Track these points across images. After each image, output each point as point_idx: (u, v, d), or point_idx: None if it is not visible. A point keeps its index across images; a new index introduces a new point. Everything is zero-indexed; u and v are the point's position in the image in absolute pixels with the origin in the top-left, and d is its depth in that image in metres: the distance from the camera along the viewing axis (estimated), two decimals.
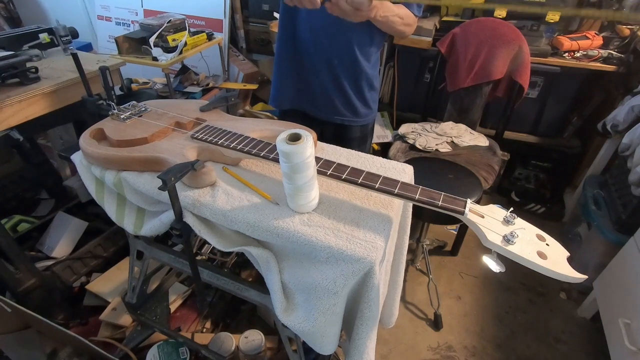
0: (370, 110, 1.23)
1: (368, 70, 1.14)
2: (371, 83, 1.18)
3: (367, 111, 1.22)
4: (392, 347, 1.47)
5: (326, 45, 1.07)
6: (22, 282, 1.29)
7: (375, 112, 1.28)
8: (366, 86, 1.17)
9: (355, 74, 1.13)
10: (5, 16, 2.77)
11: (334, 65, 1.10)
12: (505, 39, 1.63)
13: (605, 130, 1.62)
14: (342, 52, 1.08)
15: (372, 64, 1.15)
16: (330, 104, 1.17)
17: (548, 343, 1.50)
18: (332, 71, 1.11)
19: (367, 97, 1.19)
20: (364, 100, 1.19)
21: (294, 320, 0.67)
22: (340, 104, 1.17)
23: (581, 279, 0.54)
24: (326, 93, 1.16)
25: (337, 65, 1.10)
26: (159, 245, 0.95)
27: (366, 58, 1.11)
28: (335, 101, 1.17)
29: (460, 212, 0.61)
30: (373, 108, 1.24)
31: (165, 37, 1.72)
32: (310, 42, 1.08)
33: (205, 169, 0.72)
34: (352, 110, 1.19)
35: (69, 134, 1.90)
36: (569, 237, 1.82)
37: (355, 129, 1.24)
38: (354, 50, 1.08)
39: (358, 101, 1.18)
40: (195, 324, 1.43)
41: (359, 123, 1.23)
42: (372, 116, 1.26)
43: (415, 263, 1.77)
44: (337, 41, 1.06)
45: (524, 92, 1.68)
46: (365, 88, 1.17)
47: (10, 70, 1.13)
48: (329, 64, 1.10)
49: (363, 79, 1.15)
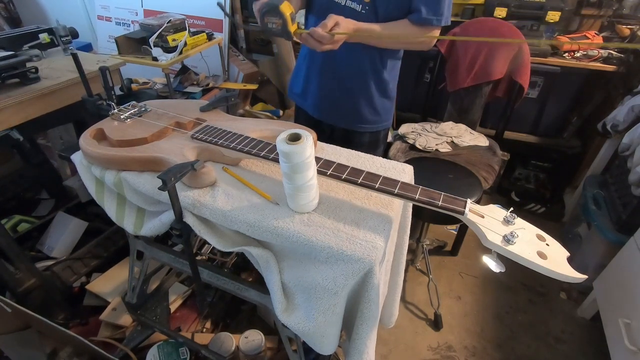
0: (379, 117, 1.18)
1: (382, 75, 1.09)
2: (384, 89, 1.12)
3: (375, 118, 1.17)
4: (392, 347, 1.47)
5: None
6: (22, 282, 1.29)
7: (388, 120, 1.22)
8: (377, 92, 1.12)
9: (364, 78, 1.09)
10: (5, 16, 2.77)
11: (340, 67, 1.07)
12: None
13: (605, 130, 1.62)
14: (349, 55, 1.04)
15: (389, 69, 1.10)
16: (333, 106, 1.14)
17: (548, 343, 1.50)
18: (336, 74, 1.09)
19: (376, 103, 1.14)
20: (372, 107, 1.14)
21: (294, 320, 0.67)
22: (345, 107, 1.13)
23: (581, 279, 0.54)
24: (331, 95, 1.13)
25: (344, 68, 1.07)
26: (159, 245, 0.95)
27: (380, 62, 1.07)
28: (340, 104, 1.13)
29: (460, 212, 0.61)
30: (383, 115, 1.18)
31: (165, 37, 1.72)
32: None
33: (205, 169, 0.72)
34: (358, 115, 1.15)
35: (69, 134, 1.90)
36: (569, 237, 1.82)
37: (364, 135, 1.19)
38: (363, 54, 1.04)
39: (366, 107, 1.13)
40: (195, 324, 1.43)
41: (367, 129, 1.18)
42: (384, 124, 1.21)
43: (415, 263, 1.77)
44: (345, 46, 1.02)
45: (524, 92, 1.68)
46: (375, 94, 1.12)
47: (10, 70, 1.13)
48: (335, 65, 1.07)
49: (373, 84, 1.10)
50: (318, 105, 1.18)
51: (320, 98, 1.16)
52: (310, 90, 1.18)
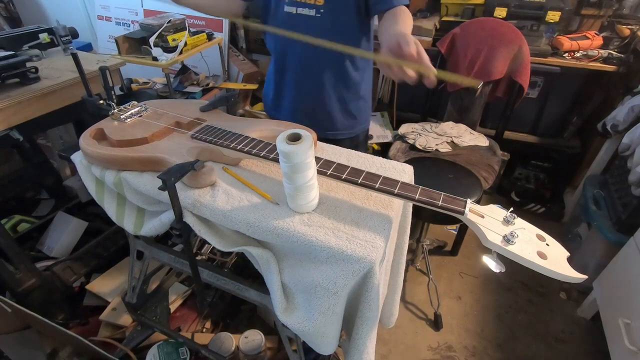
0: (355, 121, 1.13)
1: (353, 77, 1.04)
2: (356, 91, 1.08)
3: (351, 122, 1.12)
4: (392, 347, 1.47)
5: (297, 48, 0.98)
6: (22, 282, 1.29)
7: (365, 122, 1.17)
8: (350, 95, 1.07)
9: (336, 85, 1.04)
10: (5, 16, 2.77)
11: (310, 78, 1.02)
12: (505, 39, 1.63)
13: (605, 130, 1.62)
14: (318, 63, 0.98)
15: (360, 70, 1.05)
16: (308, 117, 1.08)
17: (548, 343, 1.50)
18: (308, 86, 1.04)
19: (350, 107, 1.08)
20: (346, 112, 1.09)
21: (294, 320, 0.67)
22: (320, 116, 1.08)
23: (581, 279, 0.54)
24: (305, 107, 1.07)
25: (314, 78, 1.02)
26: (159, 245, 0.95)
27: (351, 65, 1.01)
28: (315, 114, 1.07)
29: (460, 212, 0.61)
30: (359, 118, 1.13)
31: (165, 37, 1.72)
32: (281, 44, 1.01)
33: (205, 169, 0.72)
34: (333, 122, 1.09)
35: (69, 134, 1.90)
36: (569, 237, 1.82)
37: (344, 141, 1.14)
38: (332, 59, 0.98)
39: (340, 112, 1.08)
40: (195, 324, 1.43)
41: (345, 135, 1.13)
42: (361, 127, 1.16)
43: (415, 263, 1.77)
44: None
45: (524, 92, 1.68)
46: (348, 98, 1.07)
47: (10, 70, 1.13)
48: (305, 77, 1.02)
49: (344, 88, 1.04)
50: (292, 118, 1.12)
51: (294, 111, 1.11)
52: (283, 104, 1.13)
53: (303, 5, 0.93)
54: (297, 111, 1.11)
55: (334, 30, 0.95)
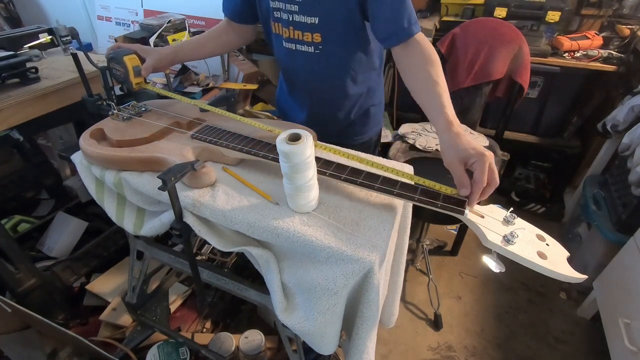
0: (367, 127, 1.12)
1: (368, 86, 1.03)
2: (371, 97, 1.07)
3: (365, 128, 1.12)
4: (392, 347, 1.47)
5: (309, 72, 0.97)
6: (22, 282, 1.29)
7: (378, 124, 1.16)
8: (367, 103, 1.07)
9: (352, 100, 1.03)
10: (5, 16, 2.77)
11: (325, 96, 1.02)
12: (505, 39, 1.63)
13: (605, 130, 1.62)
14: (330, 80, 0.98)
15: (374, 78, 1.05)
16: (323, 129, 1.04)
17: (548, 343, 1.50)
18: (322, 103, 1.04)
19: (367, 113, 1.08)
20: (363, 118, 1.08)
21: (294, 320, 0.67)
22: (335, 127, 1.08)
23: (581, 279, 0.54)
24: (320, 121, 1.05)
25: (329, 94, 1.02)
26: (159, 245, 0.95)
27: (352, 79, 1.00)
28: (330, 126, 1.07)
29: (460, 212, 0.61)
30: (373, 121, 1.13)
31: (165, 37, 1.72)
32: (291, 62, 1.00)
33: (205, 169, 0.72)
34: (348, 129, 1.09)
35: (69, 134, 1.90)
36: (569, 237, 1.82)
37: (355, 146, 1.11)
38: (344, 75, 0.97)
39: (358, 119, 1.08)
40: (195, 324, 1.43)
41: (357, 141, 1.13)
42: (375, 129, 1.16)
43: (415, 263, 1.77)
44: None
45: (524, 92, 1.68)
46: (366, 107, 1.07)
47: (10, 70, 1.13)
48: (318, 95, 1.02)
49: (361, 99, 1.04)
50: (306, 123, 1.10)
51: (309, 125, 1.10)
52: (296, 117, 1.12)
53: (301, 42, 0.92)
54: (310, 117, 1.10)
55: (334, 62, 0.95)
